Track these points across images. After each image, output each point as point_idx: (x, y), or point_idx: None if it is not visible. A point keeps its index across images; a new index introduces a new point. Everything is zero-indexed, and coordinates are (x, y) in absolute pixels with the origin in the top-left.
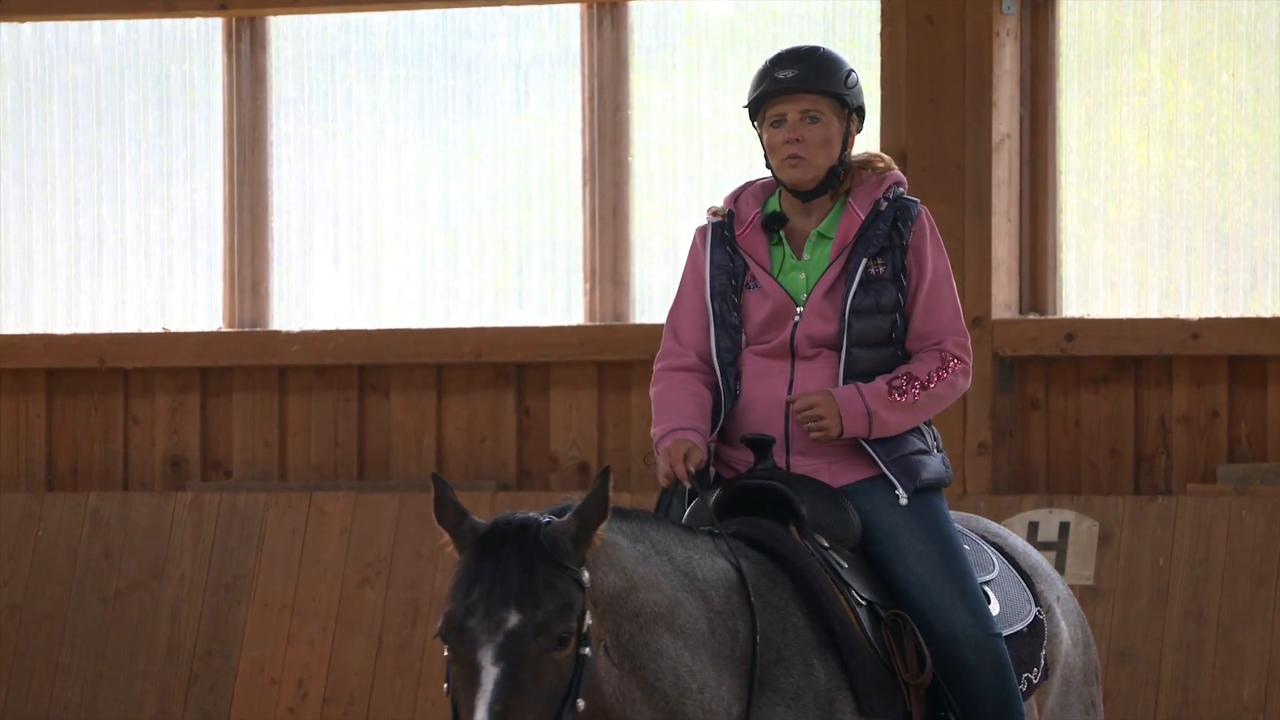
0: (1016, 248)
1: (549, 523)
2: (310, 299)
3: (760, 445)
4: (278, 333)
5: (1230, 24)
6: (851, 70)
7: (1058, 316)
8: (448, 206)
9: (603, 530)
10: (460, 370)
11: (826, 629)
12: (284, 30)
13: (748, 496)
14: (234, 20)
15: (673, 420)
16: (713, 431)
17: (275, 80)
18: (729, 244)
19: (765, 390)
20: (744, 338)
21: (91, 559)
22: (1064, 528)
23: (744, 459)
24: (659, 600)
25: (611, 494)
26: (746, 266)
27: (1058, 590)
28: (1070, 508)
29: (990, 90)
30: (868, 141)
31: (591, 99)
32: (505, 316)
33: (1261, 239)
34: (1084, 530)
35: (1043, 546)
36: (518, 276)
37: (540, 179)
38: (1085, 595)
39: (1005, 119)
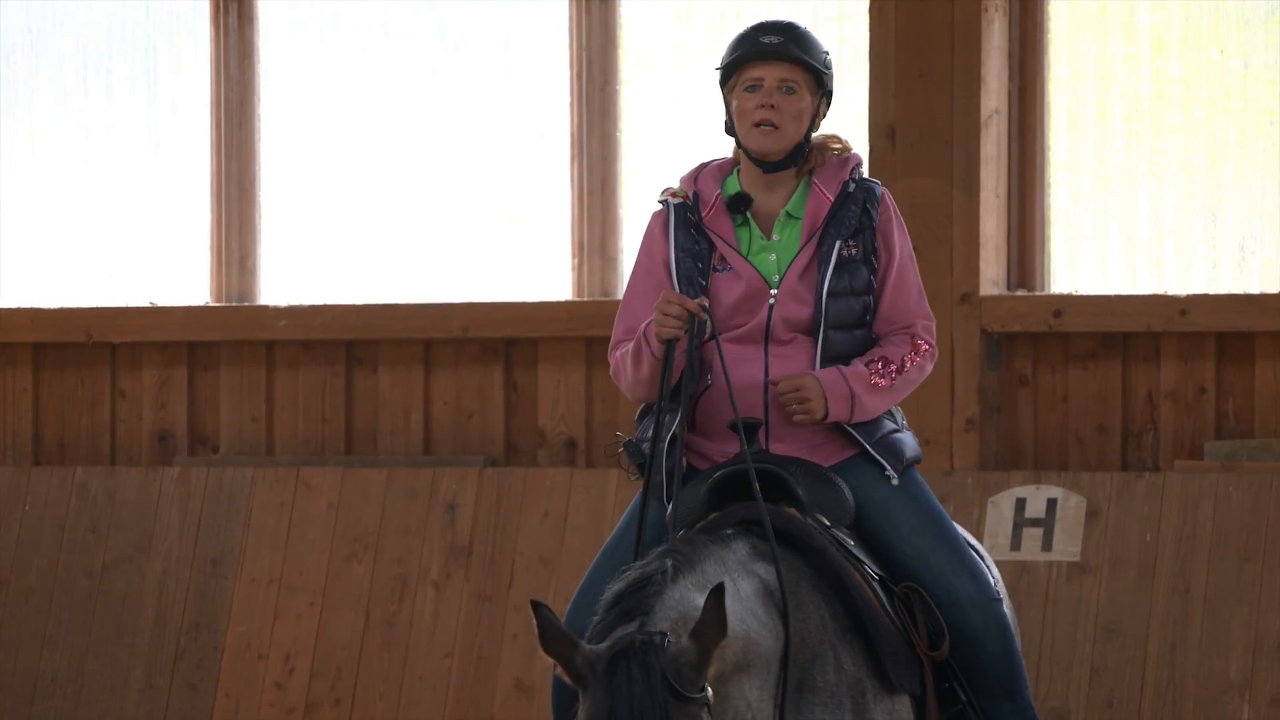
0: (1005, 224)
1: (669, 646)
2: (298, 274)
3: (748, 429)
4: (265, 307)
5: (1219, 0)
6: (828, 52)
7: (1046, 293)
8: (435, 181)
9: (722, 647)
10: (448, 345)
11: (848, 610)
12: (272, 4)
13: (737, 482)
14: None
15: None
16: (679, 408)
17: (263, 54)
18: (694, 226)
19: (740, 375)
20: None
21: (78, 533)
22: (1051, 504)
23: (720, 450)
24: (735, 650)
25: (727, 610)
26: (713, 248)
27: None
28: (1058, 484)
29: (979, 65)
30: (858, 115)
31: (580, 74)
32: (493, 292)
33: (1249, 216)
34: (1071, 506)
35: (1030, 523)
36: (505, 252)
37: (528, 154)
38: (1072, 571)
39: (994, 94)
